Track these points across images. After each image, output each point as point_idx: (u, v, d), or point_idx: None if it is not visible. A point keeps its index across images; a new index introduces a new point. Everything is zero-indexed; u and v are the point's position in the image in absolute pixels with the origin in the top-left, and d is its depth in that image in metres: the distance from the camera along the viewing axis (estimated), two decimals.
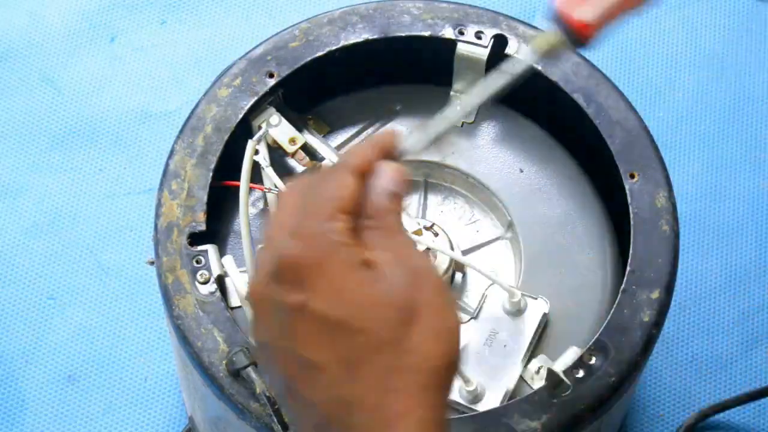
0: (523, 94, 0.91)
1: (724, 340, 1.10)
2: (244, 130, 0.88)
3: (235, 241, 0.88)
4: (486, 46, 0.90)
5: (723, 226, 1.15)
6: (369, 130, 0.93)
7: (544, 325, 0.85)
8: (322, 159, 0.89)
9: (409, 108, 0.94)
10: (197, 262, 0.81)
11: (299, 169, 0.91)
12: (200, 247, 0.82)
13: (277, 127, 0.88)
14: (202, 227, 0.83)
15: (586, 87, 0.89)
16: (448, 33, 0.91)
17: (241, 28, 1.24)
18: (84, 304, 1.11)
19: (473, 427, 0.77)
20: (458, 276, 0.89)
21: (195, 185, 0.84)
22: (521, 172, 0.92)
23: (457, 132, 0.93)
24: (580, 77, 0.89)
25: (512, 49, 0.90)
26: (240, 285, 0.81)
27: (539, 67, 0.89)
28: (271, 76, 0.89)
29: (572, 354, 0.81)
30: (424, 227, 0.86)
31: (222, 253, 0.84)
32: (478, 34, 0.91)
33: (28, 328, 1.10)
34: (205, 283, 0.81)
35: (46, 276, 1.12)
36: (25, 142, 1.18)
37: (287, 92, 0.90)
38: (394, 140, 0.63)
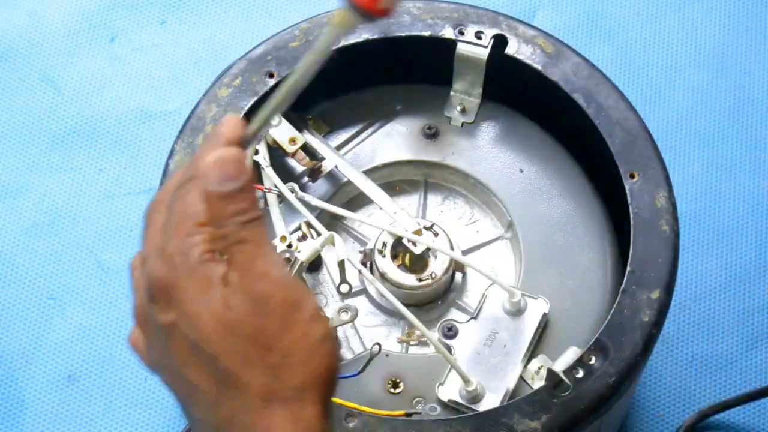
0: (523, 94, 0.92)
1: (724, 340, 1.10)
2: None
3: None
4: (486, 46, 0.90)
5: (723, 226, 1.15)
6: (369, 130, 0.93)
7: (544, 325, 0.85)
8: (322, 159, 0.89)
9: (409, 108, 0.94)
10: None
11: (299, 169, 0.91)
12: None
13: (277, 127, 0.88)
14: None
15: (586, 87, 0.88)
16: (448, 33, 0.91)
17: (241, 28, 1.24)
18: (84, 304, 1.11)
19: (473, 427, 0.77)
20: (458, 276, 0.89)
21: None
22: (521, 172, 0.92)
23: (458, 132, 0.93)
24: (580, 77, 0.89)
25: (512, 49, 0.90)
26: None
27: (539, 67, 0.89)
28: (271, 76, 0.89)
29: (572, 354, 0.81)
30: (424, 227, 0.86)
31: None
32: (478, 34, 0.91)
33: (28, 328, 1.10)
34: None
35: (46, 276, 1.12)
36: (25, 142, 1.18)
37: None
38: (235, 129, 0.62)
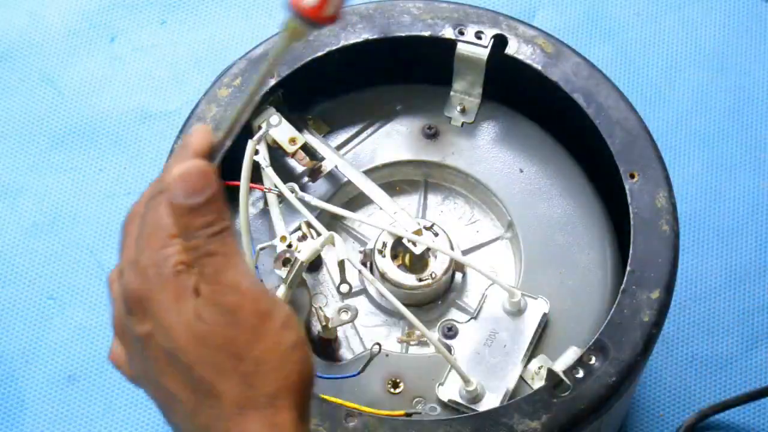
0: (523, 94, 0.92)
1: (724, 340, 1.10)
2: (244, 130, 0.88)
3: None
4: (486, 46, 0.90)
5: (723, 226, 1.15)
6: (369, 130, 0.93)
7: (544, 325, 0.85)
8: (322, 159, 0.89)
9: (409, 108, 0.94)
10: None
11: (299, 169, 0.91)
12: None
13: (277, 127, 0.88)
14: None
15: (586, 87, 0.88)
16: (448, 33, 0.91)
17: (241, 28, 1.24)
18: (84, 304, 1.11)
19: (473, 427, 0.77)
20: (458, 276, 0.89)
21: None
22: (521, 172, 0.92)
23: (458, 132, 0.93)
24: (580, 77, 0.89)
25: (512, 49, 0.90)
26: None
27: (539, 67, 0.89)
28: (271, 75, 0.89)
29: (572, 354, 0.81)
30: (424, 227, 0.86)
31: None
32: (478, 34, 0.91)
33: (28, 328, 1.10)
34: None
35: (46, 276, 1.12)
36: (25, 142, 1.18)
37: (287, 92, 0.90)
38: (204, 139, 0.63)
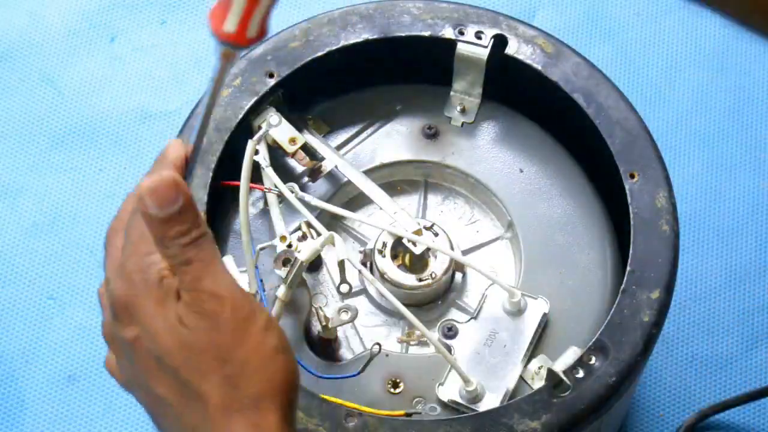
0: (523, 94, 0.92)
1: (724, 340, 1.10)
2: (244, 130, 0.88)
3: (235, 241, 0.88)
4: (486, 46, 0.90)
5: (723, 226, 1.15)
6: (369, 130, 0.93)
7: (544, 325, 0.85)
8: (322, 159, 0.89)
9: (409, 108, 0.94)
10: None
11: (299, 169, 0.91)
12: None
13: (277, 127, 0.88)
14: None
15: (586, 87, 0.88)
16: (448, 33, 0.91)
17: None
18: (84, 304, 1.11)
19: (473, 427, 0.77)
20: (458, 276, 0.89)
21: (195, 185, 0.84)
22: (521, 172, 0.92)
23: (458, 132, 0.93)
24: (580, 77, 0.89)
25: (512, 49, 0.90)
26: (240, 285, 0.81)
27: (539, 67, 0.89)
28: (271, 76, 0.89)
29: (572, 354, 0.81)
30: (424, 227, 0.86)
31: (222, 253, 0.84)
32: (478, 34, 0.91)
33: (28, 328, 1.10)
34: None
35: (46, 276, 1.12)
36: (25, 142, 1.18)
37: (287, 92, 0.90)
38: (178, 152, 0.67)
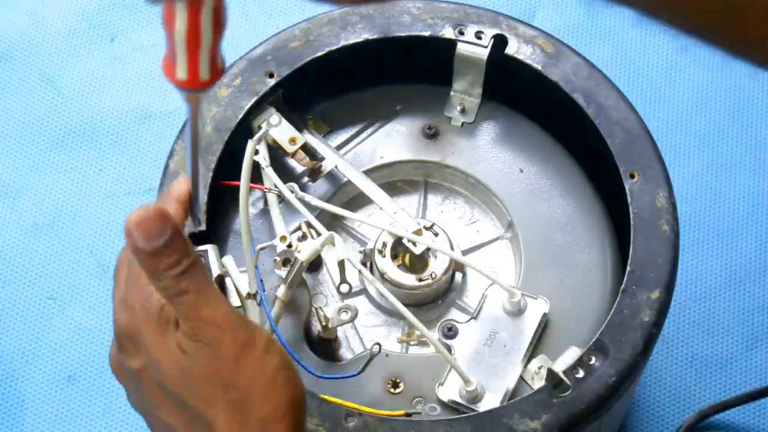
0: (523, 94, 0.92)
1: (724, 340, 1.10)
2: (244, 130, 0.88)
3: (235, 241, 0.88)
4: (486, 46, 0.90)
5: (723, 226, 1.15)
6: (369, 130, 0.93)
7: (544, 325, 0.85)
8: (322, 159, 0.89)
9: (409, 108, 0.94)
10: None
11: (299, 169, 0.91)
12: (200, 247, 0.81)
13: (277, 127, 0.88)
14: (202, 227, 0.83)
15: (586, 87, 0.88)
16: (448, 33, 0.91)
17: (241, 28, 1.24)
18: (84, 304, 1.11)
19: (473, 427, 0.77)
20: (458, 276, 0.89)
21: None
22: (521, 172, 0.92)
23: (458, 132, 0.93)
24: (580, 77, 0.89)
25: (512, 49, 0.90)
26: (240, 285, 0.81)
27: (539, 67, 0.89)
28: (271, 76, 0.89)
29: (572, 354, 0.81)
30: (424, 227, 0.86)
31: (222, 253, 0.84)
32: (478, 34, 0.91)
33: (28, 328, 1.10)
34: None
35: (46, 276, 1.12)
36: (25, 142, 1.18)
37: (287, 92, 0.90)
38: (185, 186, 0.69)
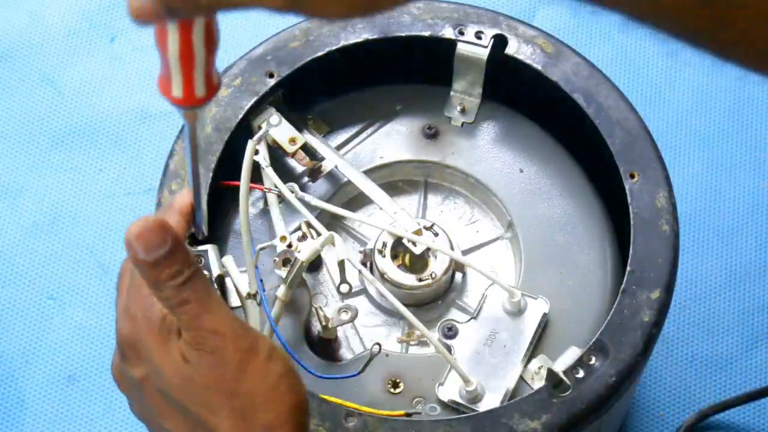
0: (523, 94, 0.92)
1: (724, 340, 1.10)
2: (244, 130, 0.88)
3: (235, 241, 0.88)
4: (486, 46, 0.90)
5: (723, 226, 1.15)
6: (369, 130, 0.93)
7: (544, 325, 0.85)
8: (322, 159, 0.89)
9: (409, 108, 0.94)
10: (197, 262, 0.81)
11: (299, 169, 0.91)
12: (200, 247, 0.81)
13: (277, 127, 0.88)
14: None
15: (586, 87, 0.88)
16: (448, 33, 0.91)
17: (241, 28, 1.24)
18: (84, 304, 1.11)
19: (473, 427, 0.77)
20: (458, 276, 0.89)
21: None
22: (521, 172, 0.92)
23: (458, 132, 0.93)
24: (580, 77, 0.89)
25: (512, 49, 0.90)
26: (240, 285, 0.81)
27: (539, 67, 0.89)
28: (271, 76, 0.89)
29: (572, 354, 0.81)
30: (424, 227, 0.86)
31: (222, 253, 0.84)
32: (478, 34, 0.91)
33: (28, 328, 1.10)
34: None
35: (46, 276, 1.12)
36: (25, 142, 1.18)
37: (287, 92, 0.90)
38: (187, 198, 0.70)
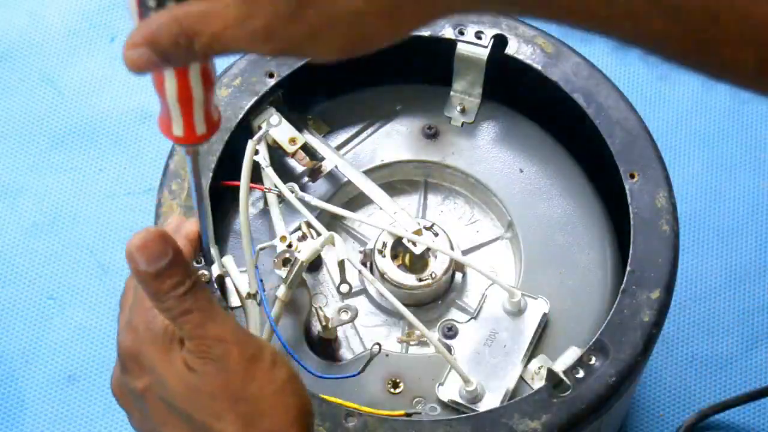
0: (523, 94, 0.92)
1: (724, 340, 1.10)
2: (244, 130, 0.88)
3: (235, 241, 0.88)
4: (486, 46, 0.90)
5: (723, 226, 1.15)
6: (369, 130, 0.93)
7: (544, 325, 0.85)
8: (322, 159, 0.89)
9: (409, 108, 0.94)
10: (197, 262, 0.81)
11: (299, 169, 0.91)
12: None
13: (277, 127, 0.88)
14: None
15: (586, 87, 0.88)
16: (448, 33, 0.91)
17: None
18: (84, 304, 1.11)
19: (473, 427, 0.77)
20: (458, 276, 0.89)
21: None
22: (521, 172, 0.92)
23: (458, 132, 0.93)
24: (580, 77, 0.89)
25: (512, 49, 0.90)
26: (240, 285, 0.81)
27: (539, 67, 0.89)
28: (271, 76, 0.89)
29: (572, 354, 0.81)
30: (424, 227, 0.86)
31: (222, 253, 0.84)
32: (478, 34, 0.91)
33: (28, 328, 1.10)
34: (206, 283, 0.81)
35: (46, 276, 1.12)
36: (25, 142, 1.18)
37: (287, 92, 0.90)
38: (195, 225, 0.72)
